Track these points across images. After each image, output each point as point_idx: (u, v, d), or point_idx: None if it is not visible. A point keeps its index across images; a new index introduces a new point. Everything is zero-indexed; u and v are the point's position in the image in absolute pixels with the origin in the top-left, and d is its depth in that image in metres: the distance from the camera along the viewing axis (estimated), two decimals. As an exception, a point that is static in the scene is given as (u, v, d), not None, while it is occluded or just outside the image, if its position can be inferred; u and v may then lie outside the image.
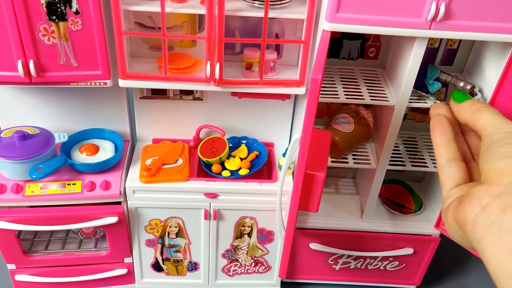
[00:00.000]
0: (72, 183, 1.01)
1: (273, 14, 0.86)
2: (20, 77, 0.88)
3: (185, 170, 1.05)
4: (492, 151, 0.36)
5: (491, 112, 0.41)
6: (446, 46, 1.04)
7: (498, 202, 0.33)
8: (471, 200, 0.35)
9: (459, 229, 0.36)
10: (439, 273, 1.38)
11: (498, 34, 0.78)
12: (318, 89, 0.58)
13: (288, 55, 1.03)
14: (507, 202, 0.32)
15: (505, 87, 0.86)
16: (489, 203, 0.33)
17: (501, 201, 0.33)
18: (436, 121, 0.43)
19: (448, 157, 0.41)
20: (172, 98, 1.10)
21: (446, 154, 0.41)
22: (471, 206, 0.35)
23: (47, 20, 0.83)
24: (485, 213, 0.33)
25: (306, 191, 0.64)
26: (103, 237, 1.16)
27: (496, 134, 0.38)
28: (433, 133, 0.43)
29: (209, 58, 0.89)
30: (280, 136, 1.18)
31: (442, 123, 0.43)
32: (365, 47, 1.05)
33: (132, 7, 0.85)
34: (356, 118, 1.02)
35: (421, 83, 0.96)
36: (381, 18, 0.77)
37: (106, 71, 0.91)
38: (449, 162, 0.41)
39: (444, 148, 0.42)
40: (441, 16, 0.76)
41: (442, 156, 0.41)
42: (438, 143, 0.42)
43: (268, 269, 1.23)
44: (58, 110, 1.08)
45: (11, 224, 0.98)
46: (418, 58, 0.84)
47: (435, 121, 0.44)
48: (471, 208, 0.35)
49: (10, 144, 0.97)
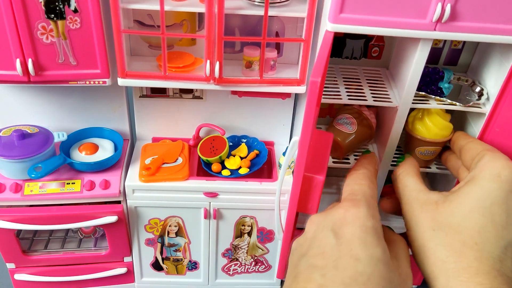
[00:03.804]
0: (71, 182, 1.00)
1: (273, 12, 0.84)
2: (18, 76, 0.87)
3: (184, 169, 1.04)
4: None
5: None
6: (450, 46, 1.02)
7: None
8: None
9: None
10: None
11: (504, 36, 0.77)
12: (317, 92, 0.57)
13: (288, 53, 1.02)
14: None
15: (510, 88, 0.85)
16: None
17: None
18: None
19: None
20: (171, 96, 1.09)
21: None
22: None
23: (46, 18, 0.82)
24: None
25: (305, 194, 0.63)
26: (102, 236, 1.16)
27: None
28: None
29: (209, 56, 0.88)
30: (280, 135, 1.17)
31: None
32: (368, 47, 1.04)
33: (131, 5, 0.84)
34: (359, 119, 1.01)
35: (435, 87, 0.95)
36: (386, 19, 0.76)
37: (105, 69, 0.90)
38: None
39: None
40: (446, 17, 0.74)
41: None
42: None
43: (268, 268, 1.22)
44: (57, 109, 1.08)
45: (10, 223, 0.98)
46: (422, 59, 0.83)
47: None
48: None
49: (9, 143, 0.96)
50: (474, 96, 0.95)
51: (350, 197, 0.41)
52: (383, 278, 0.34)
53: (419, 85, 0.90)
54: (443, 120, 0.95)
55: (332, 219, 0.38)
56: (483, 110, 0.91)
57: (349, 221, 0.37)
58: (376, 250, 0.35)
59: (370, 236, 0.36)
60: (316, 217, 0.41)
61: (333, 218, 0.39)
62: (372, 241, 0.36)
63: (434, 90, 0.95)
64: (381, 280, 0.34)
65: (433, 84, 0.96)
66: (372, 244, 0.35)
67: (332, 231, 0.37)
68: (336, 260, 0.35)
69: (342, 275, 0.34)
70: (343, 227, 0.37)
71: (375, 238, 0.36)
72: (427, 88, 0.96)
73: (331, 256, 0.35)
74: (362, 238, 0.36)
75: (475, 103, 0.92)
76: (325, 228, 0.38)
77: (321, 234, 0.38)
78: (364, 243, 0.35)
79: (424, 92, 0.94)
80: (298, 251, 0.40)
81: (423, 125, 0.96)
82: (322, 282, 0.34)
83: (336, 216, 0.39)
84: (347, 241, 0.36)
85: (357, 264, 0.34)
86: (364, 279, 0.33)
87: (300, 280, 0.36)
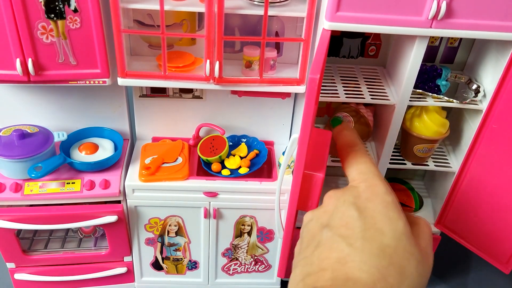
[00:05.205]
0: (71, 182, 1.00)
1: (273, 12, 0.85)
2: (18, 76, 0.87)
3: (184, 168, 1.05)
4: None
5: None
6: (446, 44, 1.03)
7: None
8: None
9: None
10: (440, 272, 1.38)
11: (500, 32, 0.78)
12: (316, 90, 0.58)
13: (288, 53, 1.02)
14: None
15: (506, 85, 0.86)
16: None
17: None
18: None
19: None
20: (171, 96, 1.09)
21: None
22: None
23: (46, 18, 0.83)
24: None
25: (305, 191, 0.63)
26: (102, 236, 1.16)
27: None
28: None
29: (209, 56, 0.88)
30: (280, 135, 1.17)
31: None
32: (365, 45, 1.05)
33: (131, 5, 0.84)
34: (356, 117, 1.02)
35: (433, 84, 0.96)
36: (382, 16, 0.77)
37: (105, 69, 0.91)
38: None
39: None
40: (442, 14, 0.75)
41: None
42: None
43: (268, 268, 1.23)
44: (57, 108, 1.08)
45: (11, 223, 0.98)
46: (419, 57, 0.84)
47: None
48: None
49: (9, 143, 0.96)
50: (471, 93, 0.96)
51: (361, 176, 0.41)
52: (406, 251, 0.35)
53: (416, 83, 0.90)
54: (440, 117, 0.96)
55: (352, 195, 0.39)
56: (480, 107, 0.92)
57: (370, 198, 0.38)
58: (398, 223, 0.36)
59: (391, 211, 0.37)
60: (334, 192, 0.41)
61: (352, 194, 0.39)
62: (393, 215, 0.36)
63: (431, 88, 0.96)
64: (405, 252, 0.34)
65: (430, 81, 0.97)
66: (394, 218, 0.36)
67: (354, 205, 0.38)
68: (362, 231, 0.35)
69: (370, 246, 0.34)
70: (365, 202, 0.38)
71: (396, 212, 0.37)
72: (425, 86, 0.97)
73: (356, 228, 0.36)
74: (384, 213, 0.36)
75: (472, 100, 0.93)
76: (346, 202, 0.38)
77: (342, 207, 0.38)
78: (387, 218, 0.36)
79: (421, 90, 0.95)
80: (317, 221, 0.39)
81: (421, 122, 0.97)
82: (350, 251, 0.34)
83: (355, 192, 0.39)
84: (370, 215, 0.36)
85: (383, 237, 0.35)
86: (391, 251, 0.34)
87: (323, 250, 0.36)
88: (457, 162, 1.05)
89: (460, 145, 1.05)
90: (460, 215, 1.06)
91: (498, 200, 0.96)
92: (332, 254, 0.35)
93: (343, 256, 0.34)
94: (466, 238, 1.07)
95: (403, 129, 1.00)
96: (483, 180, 0.98)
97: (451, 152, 1.09)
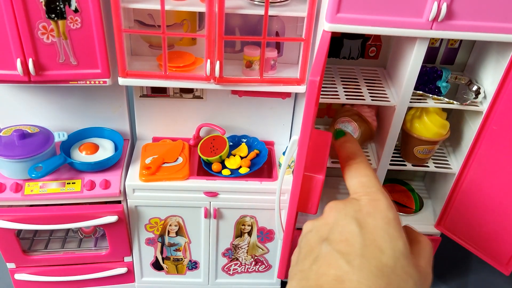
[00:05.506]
0: (71, 182, 1.00)
1: (274, 12, 0.85)
2: (19, 76, 0.88)
3: (185, 168, 1.05)
4: None
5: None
6: (447, 45, 1.03)
7: None
8: None
9: None
10: (440, 273, 1.38)
11: (500, 34, 0.78)
12: (316, 92, 0.57)
13: (288, 53, 1.02)
14: None
15: (506, 86, 0.85)
16: None
17: None
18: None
19: None
20: (172, 96, 1.09)
21: None
22: None
23: (46, 18, 0.83)
24: None
25: (305, 193, 0.63)
26: (103, 236, 1.16)
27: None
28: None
29: (209, 56, 0.88)
30: (280, 135, 1.17)
31: None
32: (366, 47, 1.05)
33: (131, 4, 0.84)
34: (359, 121, 1.01)
35: (433, 86, 0.96)
36: (382, 18, 0.77)
37: (105, 69, 0.91)
38: None
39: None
40: (442, 16, 0.75)
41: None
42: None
43: (268, 268, 1.23)
44: (58, 108, 1.08)
45: (11, 223, 0.98)
46: (419, 58, 0.84)
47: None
48: None
49: (9, 143, 0.96)
50: (471, 94, 0.95)
51: (364, 189, 0.40)
52: (404, 272, 0.34)
53: (417, 84, 0.90)
54: (441, 119, 0.96)
55: (353, 208, 0.38)
56: (480, 109, 0.92)
57: (371, 213, 0.37)
58: (398, 243, 0.35)
59: (392, 228, 0.36)
60: (336, 203, 0.40)
61: (354, 208, 0.38)
62: (394, 234, 0.36)
63: (432, 89, 0.96)
64: (403, 273, 0.34)
65: (431, 83, 0.97)
66: (394, 236, 0.36)
67: (355, 219, 0.37)
68: (362, 248, 0.35)
69: (369, 264, 0.34)
70: (366, 217, 0.37)
71: (397, 230, 0.36)
72: (425, 87, 0.97)
73: (356, 244, 0.35)
74: (385, 229, 0.36)
75: (472, 101, 0.92)
76: (347, 215, 0.38)
77: (343, 221, 0.37)
78: (388, 235, 0.35)
79: (421, 91, 0.95)
80: (316, 234, 0.39)
81: (421, 123, 0.97)
82: (348, 269, 0.33)
83: (356, 206, 0.38)
84: (370, 231, 0.36)
85: (382, 255, 0.34)
86: (389, 271, 0.33)
87: (321, 265, 0.35)
88: (457, 164, 1.04)
89: (460, 146, 1.05)
90: (460, 217, 1.06)
91: (498, 201, 0.96)
92: (330, 271, 0.34)
93: (341, 274, 0.34)
94: (466, 239, 1.07)
95: (404, 130, 1.00)
96: (483, 182, 0.98)
97: (451, 153, 1.09)
